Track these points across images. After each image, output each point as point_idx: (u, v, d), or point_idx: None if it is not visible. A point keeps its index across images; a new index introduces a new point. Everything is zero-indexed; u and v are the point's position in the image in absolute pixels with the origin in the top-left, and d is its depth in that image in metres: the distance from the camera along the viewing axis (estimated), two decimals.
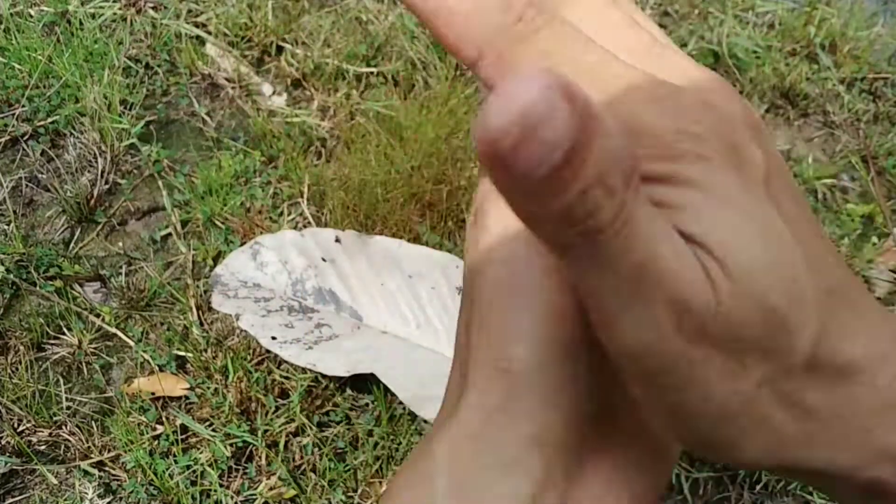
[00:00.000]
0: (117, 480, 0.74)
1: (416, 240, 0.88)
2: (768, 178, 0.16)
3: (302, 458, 0.76)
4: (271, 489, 0.74)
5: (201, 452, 0.75)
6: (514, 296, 0.19)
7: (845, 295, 0.17)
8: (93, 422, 0.77)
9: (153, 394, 0.78)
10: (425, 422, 0.76)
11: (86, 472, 0.74)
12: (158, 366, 0.80)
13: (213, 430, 0.76)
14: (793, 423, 0.16)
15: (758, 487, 0.76)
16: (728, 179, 0.15)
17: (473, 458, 0.19)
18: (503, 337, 0.19)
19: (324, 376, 0.78)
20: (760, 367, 0.15)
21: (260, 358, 0.80)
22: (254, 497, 0.73)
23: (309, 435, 0.76)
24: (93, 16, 1.09)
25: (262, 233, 0.89)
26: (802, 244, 0.16)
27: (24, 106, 0.98)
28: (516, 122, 0.11)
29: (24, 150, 0.97)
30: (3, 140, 0.97)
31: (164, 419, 0.77)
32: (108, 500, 0.73)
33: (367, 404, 0.79)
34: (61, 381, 0.80)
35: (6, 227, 0.90)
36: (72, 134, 0.97)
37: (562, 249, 0.14)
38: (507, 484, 0.18)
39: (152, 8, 1.12)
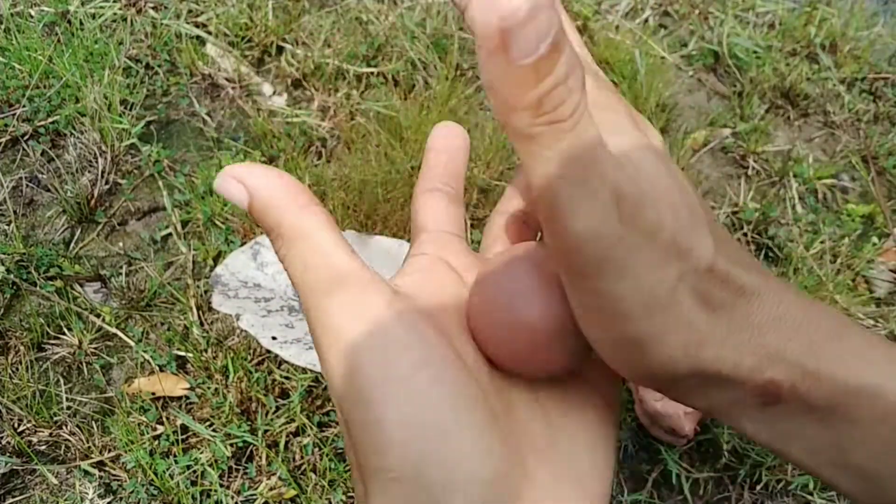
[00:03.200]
0: (118, 480, 0.74)
1: None
2: (658, 144, 0.22)
3: (302, 458, 0.76)
4: (272, 489, 0.74)
5: (202, 452, 0.75)
6: (367, 401, 0.20)
7: (731, 242, 0.21)
8: (93, 422, 0.77)
9: (153, 394, 0.78)
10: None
11: (86, 472, 0.74)
12: (159, 366, 0.80)
13: (214, 430, 0.76)
14: (706, 321, 0.19)
15: (758, 487, 0.76)
16: (630, 123, 0.21)
17: None
18: (377, 446, 0.20)
19: (324, 376, 0.78)
20: (677, 263, 0.19)
21: (260, 358, 0.80)
22: (254, 497, 0.73)
23: (309, 435, 0.76)
24: (93, 16, 1.09)
25: (262, 233, 0.89)
26: (695, 195, 0.20)
27: (24, 106, 0.98)
28: (528, 3, 0.15)
29: (24, 150, 0.97)
30: (3, 140, 0.97)
31: (164, 419, 0.77)
32: (108, 500, 0.73)
33: None
34: (62, 381, 0.80)
35: (6, 227, 0.90)
36: (72, 134, 0.97)
37: (528, 141, 0.17)
38: None
39: (153, 8, 1.12)
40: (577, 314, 0.20)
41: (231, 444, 0.75)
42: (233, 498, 0.73)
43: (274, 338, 0.77)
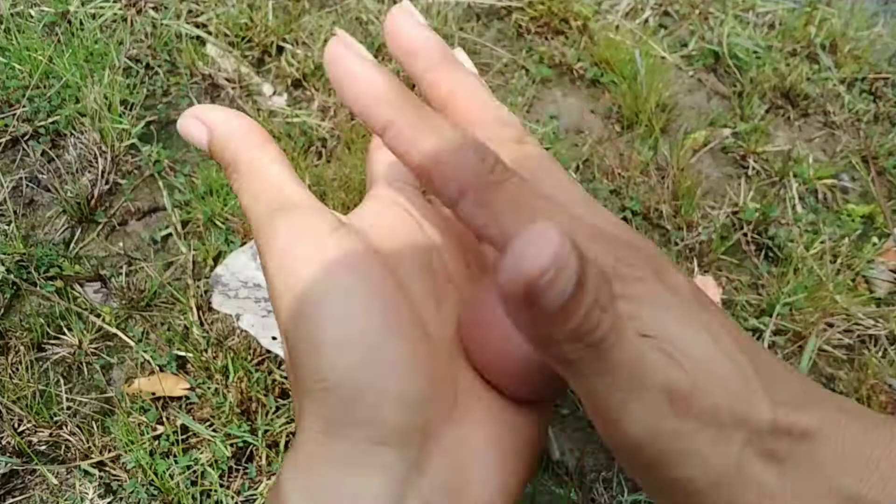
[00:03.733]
0: (118, 480, 0.74)
1: None
2: (694, 293, 0.21)
3: None
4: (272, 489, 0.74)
5: (202, 452, 0.75)
6: (306, 317, 0.21)
7: (776, 371, 0.21)
8: (93, 422, 0.77)
9: (153, 394, 0.78)
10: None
11: (86, 473, 0.74)
12: (159, 366, 0.80)
13: (214, 431, 0.76)
14: (776, 477, 0.19)
15: None
16: (662, 293, 0.20)
17: (321, 473, 0.20)
18: (311, 361, 0.21)
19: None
20: (738, 432, 0.19)
21: (260, 358, 0.80)
22: (254, 497, 0.73)
23: None
24: (93, 16, 1.09)
25: None
26: (734, 335, 0.20)
27: (24, 106, 0.98)
28: (551, 264, 0.15)
29: (24, 150, 0.97)
30: (3, 140, 0.97)
31: (164, 419, 0.77)
32: (108, 500, 0.73)
33: None
34: (62, 381, 0.80)
35: (6, 227, 0.90)
36: (72, 134, 0.97)
37: (571, 365, 0.17)
38: (363, 483, 0.20)
39: (153, 8, 1.12)
40: (648, 493, 0.20)
41: (231, 445, 0.75)
42: (233, 498, 0.73)
43: (274, 338, 0.77)
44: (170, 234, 0.91)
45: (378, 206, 0.25)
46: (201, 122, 0.24)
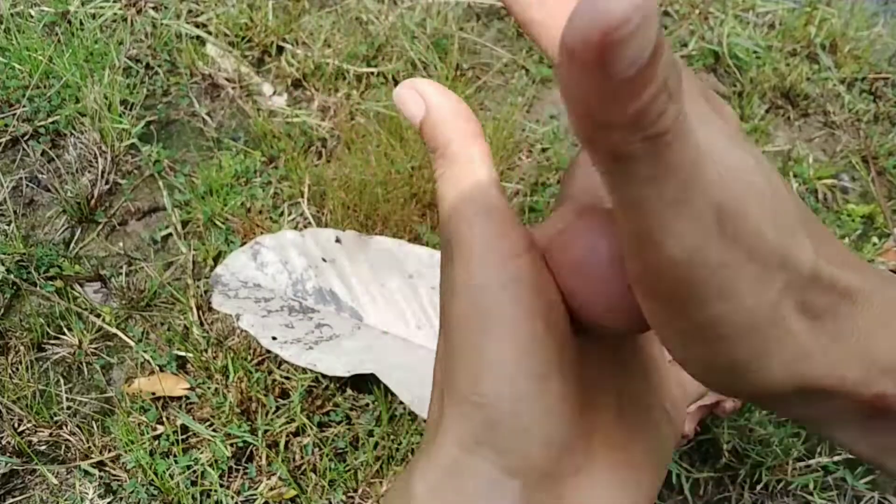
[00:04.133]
0: (118, 480, 0.74)
1: (416, 240, 0.88)
2: (740, 128, 0.19)
3: (302, 458, 0.76)
4: (272, 489, 0.74)
5: (202, 452, 0.75)
6: (482, 330, 0.20)
7: (832, 241, 0.19)
8: (93, 422, 0.77)
9: (153, 394, 0.78)
10: (425, 422, 0.76)
11: (86, 472, 0.74)
12: (159, 366, 0.80)
13: (214, 431, 0.76)
14: (809, 332, 0.18)
15: (758, 487, 0.76)
16: (715, 116, 0.18)
17: (453, 492, 0.20)
18: (475, 372, 0.20)
19: (324, 376, 0.78)
20: (780, 273, 0.17)
21: (260, 358, 0.80)
22: (254, 497, 0.73)
23: (309, 435, 0.76)
24: (93, 16, 1.09)
25: (262, 233, 0.89)
26: (782, 180, 0.19)
27: (24, 106, 0.98)
28: (635, 12, 0.12)
29: (24, 150, 0.97)
30: (3, 140, 0.97)
31: (164, 419, 0.77)
32: (108, 500, 0.73)
33: (367, 404, 0.79)
34: (62, 381, 0.80)
35: (6, 227, 0.90)
36: (72, 134, 0.97)
37: (620, 164, 0.15)
38: None
39: (153, 8, 1.12)
40: (662, 338, 0.19)
41: (231, 445, 0.75)
42: (233, 498, 0.73)
43: (274, 338, 0.77)
44: (170, 234, 0.91)
45: (561, 226, 0.24)
46: (420, 97, 0.23)
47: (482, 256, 0.21)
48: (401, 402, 0.77)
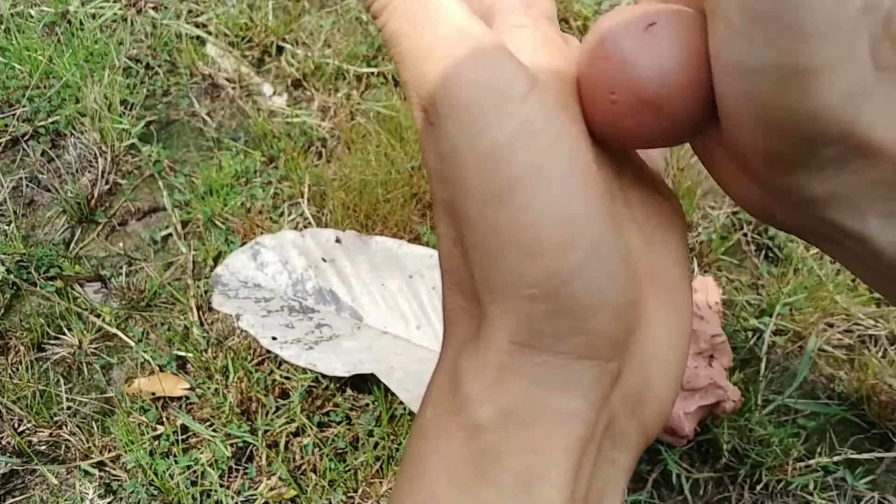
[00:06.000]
0: (118, 480, 0.74)
1: (416, 240, 0.89)
2: None
3: (302, 458, 0.76)
4: (272, 489, 0.74)
5: (202, 452, 0.75)
6: (514, 206, 0.17)
7: None
8: (93, 422, 0.77)
9: (153, 394, 0.78)
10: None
11: (86, 473, 0.74)
12: (159, 366, 0.80)
13: (214, 431, 0.76)
14: (874, 77, 0.16)
15: (758, 487, 0.76)
16: None
17: (517, 388, 0.18)
18: (518, 257, 0.17)
19: (324, 376, 0.78)
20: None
21: (260, 358, 0.80)
22: (254, 497, 0.73)
23: (309, 435, 0.76)
24: (93, 16, 1.09)
25: (262, 233, 0.89)
26: None
27: (24, 106, 0.98)
28: None
29: (24, 150, 0.97)
30: (3, 140, 0.97)
31: (164, 419, 0.77)
32: (108, 500, 0.73)
33: (367, 404, 0.79)
34: (62, 381, 0.80)
35: (6, 227, 0.90)
36: (72, 134, 0.97)
37: None
38: (566, 402, 0.17)
39: (153, 8, 1.12)
40: (739, 19, 0.16)
41: (231, 445, 0.75)
42: (233, 498, 0.73)
43: (274, 338, 0.77)
44: (170, 235, 0.91)
45: (523, 39, 0.20)
46: None
47: (484, 109, 0.17)
48: (401, 402, 0.77)
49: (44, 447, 0.76)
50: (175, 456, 0.74)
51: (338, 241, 0.85)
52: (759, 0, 0.15)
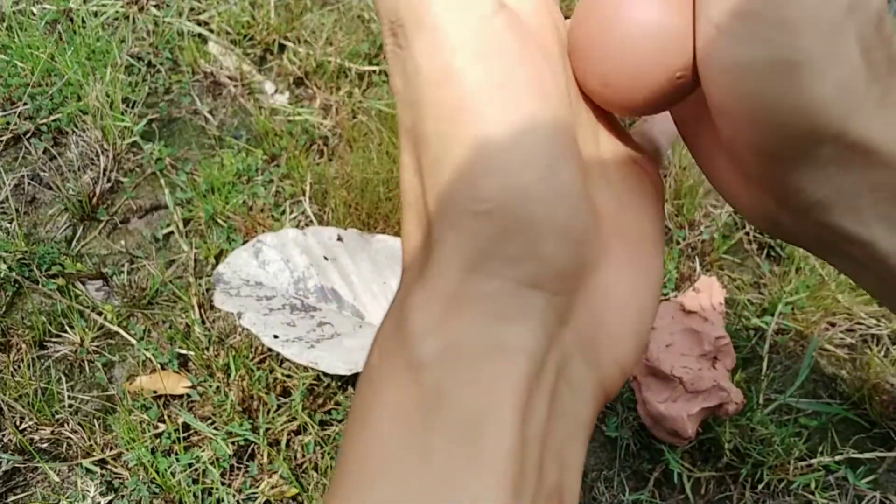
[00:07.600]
0: (119, 478, 0.74)
1: None
2: None
3: (304, 456, 0.76)
4: (273, 487, 0.74)
5: (203, 450, 0.75)
6: (471, 118, 0.17)
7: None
8: (95, 420, 0.78)
9: (155, 392, 0.78)
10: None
11: (88, 470, 0.74)
12: (160, 364, 0.80)
13: (215, 429, 0.76)
14: (864, 74, 0.16)
15: (759, 487, 0.76)
16: None
17: (463, 319, 0.17)
18: (470, 173, 0.17)
19: (326, 375, 0.78)
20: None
21: (262, 356, 0.80)
22: (255, 495, 0.73)
23: (311, 433, 0.76)
24: (95, 14, 1.09)
25: (264, 231, 0.89)
26: None
27: (26, 104, 0.98)
28: None
29: (26, 148, 0.97)
30: (5, 138, 0.97)
31: (165, 417, 0.77)
32: (109, 497, 0.73)
33: None
34: (63, 378, 0.80)
35: (8, 224, 0.90)
36: (74, 132, 0.97)
37: None
38: (513, 335, 0.17)
39: (155, 6, 1.12)
40: (723, 17, 0.16)
41: (232, 443, 0.75)
42: (234, 496, 0.73)
43: (276, 336, 0.77)
44: (171, 233, 0.91)
45: None
46: None
47: (448, 24, 0.17)
48: None
49: (45, 445, 0.76)
50: (176, 454, 0.74)
51: (339, 239, 0.85)
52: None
